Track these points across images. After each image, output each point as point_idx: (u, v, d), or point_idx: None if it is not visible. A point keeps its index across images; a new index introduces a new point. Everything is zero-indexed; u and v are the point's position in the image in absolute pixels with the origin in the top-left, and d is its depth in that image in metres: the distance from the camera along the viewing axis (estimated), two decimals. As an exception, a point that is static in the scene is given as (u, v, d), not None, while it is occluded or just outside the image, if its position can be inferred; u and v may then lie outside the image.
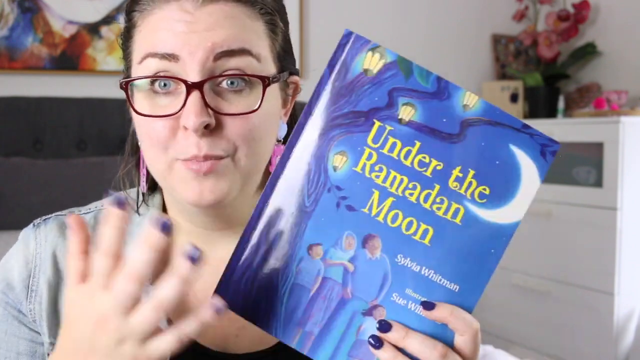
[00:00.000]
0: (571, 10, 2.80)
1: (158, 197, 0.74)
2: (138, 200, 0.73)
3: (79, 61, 2.43)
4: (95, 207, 0.75)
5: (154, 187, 0.74)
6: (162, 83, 0.61)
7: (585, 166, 2.32)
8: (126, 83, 0.63)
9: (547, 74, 2.86)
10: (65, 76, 2.43)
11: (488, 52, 3.09)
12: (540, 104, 2.81)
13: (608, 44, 2.79)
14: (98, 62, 2.45)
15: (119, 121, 2.31)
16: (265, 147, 0.65)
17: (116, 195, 0.50)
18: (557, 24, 2.80)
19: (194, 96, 0.59)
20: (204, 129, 0.59)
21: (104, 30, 2.44)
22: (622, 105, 2.50)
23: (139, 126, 0.64)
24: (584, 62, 2.89)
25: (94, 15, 2.41)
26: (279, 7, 0.68)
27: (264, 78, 0.62)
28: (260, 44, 0.63)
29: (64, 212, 0.74)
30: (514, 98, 2.84)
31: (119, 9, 2.44)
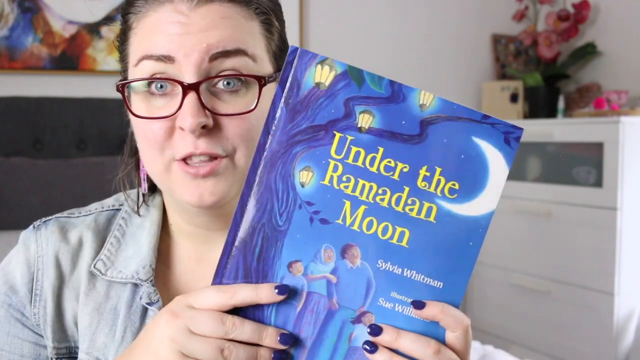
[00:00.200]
0: (571, 10, 2.80)
1: (158, 198, 0.74)
2: (138, 201, 0.73)
3: (79, 61, 2.43)
4: (95, 209, 0.75)
5: (154, 188, 0.75)
6: (159, 85, 0.61)
7: (585, 166, 2.32)
8: (122, 85, 0.63)
9: (547, 74, 2.86)
10: (65, 76, 2.43)
11: (488, 52, 3.09)
12: (540, 104, 2.81)
13: (608, 44, 2.79)
14: (98, 62, 2.45)
15: (119, 121, 2.28)
16: None
17: (285, 286, 0.51)
18: (557, 24, 2.80)
19: (190, 97, 0.59)
20: (201, 130, 0.59)
21: (104, 30, 2.45)
22: (622, 105, 2.50)
23: (136, 128, 0.65)
24: (584, 62, 2.89)
25: (94, 15, 2.41)
26: (274, 7, 0.68)
27: (260, 78, 0.62)
28: (255, 44, 0.63)
29: (64, 214, 0.74)
30: (514, 98, 2.84)
31: (119, 9, 2.43)
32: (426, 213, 0.52)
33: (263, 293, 0.51)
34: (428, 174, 0.52)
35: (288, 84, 0.51)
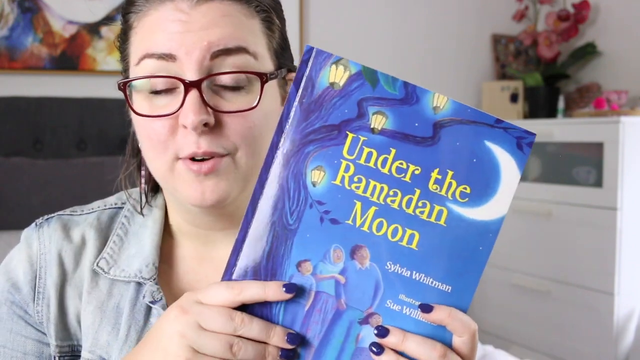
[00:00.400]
0: (571, 10, 2.80)
1: (160, 198, 0.74)
2: (141, 201, 0.73)
3: (79, 61, 2.43)
4: (97, 207, 0.75)
5: (156, 189, 0.75)
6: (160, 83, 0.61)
7: (585, 166, 2.32)
8: (124, 84, 0.63)
9: (547, 74, 2.86)
10: (65, 76, 2.43)
11: (488, 52, 3.09)
12: (540, 104, 2.81)
13: (608, 44, 2.79)
14: (98, 62, 2.45)
15: (119, 121, 2.29)
16: (265, 146, 0.65)
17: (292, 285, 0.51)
18: (557, 24, 2.80)
19: (192, 95, 0.59)
20: (204, 127, 0.59)
21: (104, 30, 2.45)
22: (622, 105, 2.50)
23: (139, 127, 0.65)
24: (584, 62, 2.89)
25: (94, 15, 2.41)
26: (275, 4, 0.68)
27: (262, 75, 0.62)
28: (256, 42, 0.64)
29: (66, 212, 0.74)
30: (514, 98, 2.84)
31: (119, 9, 2.43)
32: (437, 216, 0.52)
33: (271, 291, 0.51)
34: (440, 177, 0.52)
35: (303, 83, 0.52)
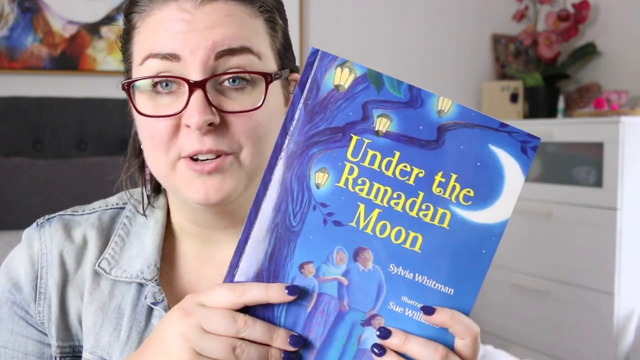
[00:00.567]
0: (571, 10, 2.80)
1: (162, 199, 0.74)
2: (143, 202, 0.73)
3: (79, 61, 2.43)
4: (99, 207, 0.75)
5: (158, 190, 0.75)
6: (164, 83, 0.61)
7: (585, 166, 2.32)
8: (128, 84, 0.63)
9: (547, 74, 2.86)
10: (65, 76, 2.43)
11: (488, 52, 3.09)
12: (540, 104, 2.81)
13: (608, 44, 2.79)
14: (98, 62, 2.45)
15: (119, 121, 2.31)
16: (269, 146, 0.65)
17: (295, 287, 0.51)
18: (557, 24, 2.80)
19: (197, 95, 0.59)
20: (208, 127, 0.59)
21: (104, 30, 2.44)
22: (622, 105, 2.50)
23: (141, 127, 0.64)
24: (584, 62, 2.89)
25: (94, 15, 2.41)
26: (278, 5, 0.68)
27: (266, 75, 0.62)
28: (260, 42, 0.64)
29: (68, 212, 0.74)
30: (514, 98, 2.84)
31: (119, 9, 2.43)
32: (440, 219, 0.52)
33: (273, 293, 0.50)
34: (443, 180, 0.52)
35: (307, 85, 0.52)
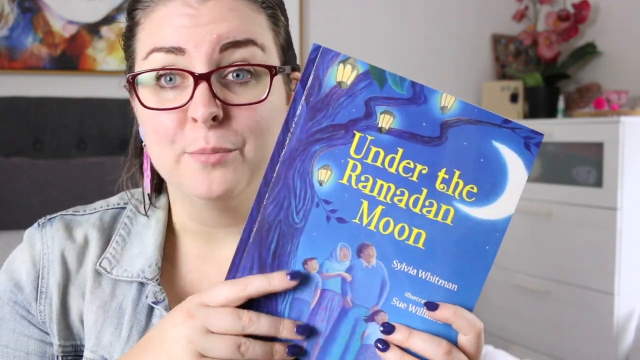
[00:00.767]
0: (571, 10, 2.80)
1: (164, 199, 0.74)
2: (144, 202, 0.73)
3: (79, 61, 2.43)
4: (100, 207, 0.75)
5: (159, 190, 0.74)
6: (168, 78, 0.62)
7: (585, 166, 2.32)
8: (133, 77, 0.63)
9: (547, 74, 2.86)
10: (65, 76, 2.43)
11: (488, 52, 3.09)
12: (540, 104, 2.81)
13: (608, 44, 2.79)
14: (98, 62, 2.45)
15: (119, 121, 2.31)
16: (272, 141, 0.65)
17: (296, 272, 0.52)
18: (557, 24, 2.80)
19: (202, 87, 0.59)
20: (212, 121, 0.59)
21: (104, 30, 2.44)
22: (622, 105, 2.50)
23: (146, 122, 0.64)
24: (584, 62, 2.89)
25: (94, 15, 2.41)
26: (279, 2, 0.68)
27: (271, 67, 0.63)
28: (264, 35, 0.64)
29: (69, 212, 0.74)
30: (514, 98, 2.84)
31: (119, 9, 2.44)
32: (443, 215, 0.52)
33: (275, 281, 0.51)
34: (447, 177, 0.52)
35: (309, 82, 0.51)
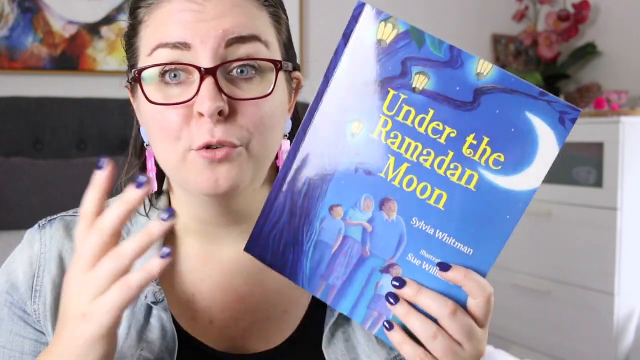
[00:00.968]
0: (571, 10, 2.81)
1: (164, 199, 0.74)
2: (144, 203, 0.73)
3: (79, 61, 2.43)
4: None
5: (159, 190, 0.74)
6: (173, 74, 0.62)
7: (585, 166, 2.32)
8: (139, 72, 0.62)
9: (547, 74, 2.86)
10: (65, 76, 2.43)
11: (488, 52, 3.09)
12: (540, 104, 2.81)
13: (608, 44, 2.79)
14: (98, 62, 2.45)
15: (119, 121, 2.31)
16: (275, 137, 0.65)
17: (141, 178, 0.51)
18: (557, 24, 2.80)
19: (208, 82, 0.59)
20: (218, 115, 0.60)
21: (104, 30, 2.44)
22: (622, 105, 2.50)
23: (150, 119, 0.64)
24: (584, 62, 2.89)
25: (94, 15, 2.41)
26: (280, 1, 0.69)
27: (276, 62, 0.63)
28: (267, 32, 0.65)
29: (70, 213, 0.74)
30: (514, 98, 2.84)
31: (119, 9, 2.44)
32: (467, 180, 0.53)
33: (128, 194, 0.51)
34: (475, 142, 0.53)
35: (352, 38, 0.53)
